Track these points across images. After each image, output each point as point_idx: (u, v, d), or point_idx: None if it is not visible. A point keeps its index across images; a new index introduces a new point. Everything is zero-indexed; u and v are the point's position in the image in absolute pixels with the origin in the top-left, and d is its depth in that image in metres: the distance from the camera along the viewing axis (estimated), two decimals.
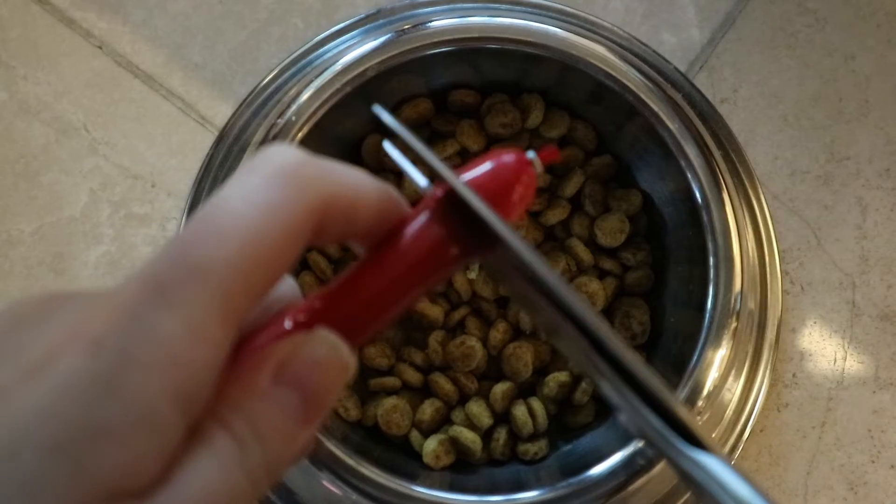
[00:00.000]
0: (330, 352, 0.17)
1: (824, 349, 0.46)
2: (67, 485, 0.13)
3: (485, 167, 0.20)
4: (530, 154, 0.20)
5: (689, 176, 0.40)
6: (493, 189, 0.20)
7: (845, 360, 0.46)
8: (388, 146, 0.24)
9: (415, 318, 0.43)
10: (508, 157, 0.20)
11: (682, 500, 0.39)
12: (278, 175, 0.16)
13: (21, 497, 0.13)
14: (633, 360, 0.18)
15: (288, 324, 0.18)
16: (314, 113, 0.40)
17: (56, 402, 0.13)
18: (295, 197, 0.16)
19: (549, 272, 0.18)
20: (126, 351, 0.14)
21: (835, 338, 0.46)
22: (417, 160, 0.22)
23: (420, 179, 0.21)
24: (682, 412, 0.18)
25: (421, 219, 0.19)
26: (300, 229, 0.16)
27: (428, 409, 0.41)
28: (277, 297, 0.19)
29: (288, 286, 0.20)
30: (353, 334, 0.18)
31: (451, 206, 0.19)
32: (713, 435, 0.40)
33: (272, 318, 0.18)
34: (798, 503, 0.44)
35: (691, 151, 0.40)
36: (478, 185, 0.20)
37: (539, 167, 0.20)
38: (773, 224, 0.45)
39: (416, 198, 0.45)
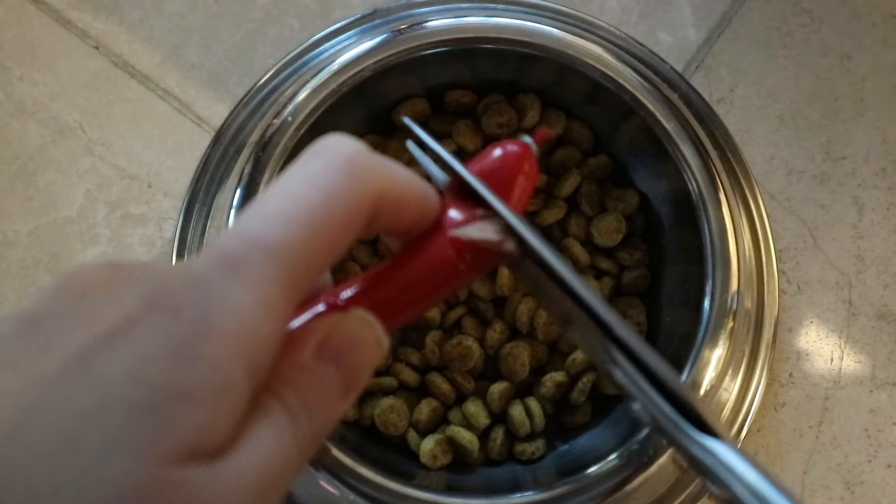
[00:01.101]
0: (366, 329, 0.18)
1: (821, 349, 0.46)
2: (150, 442, 0.13)
3: (493, 157, 0.22)
4: (526, 139, 0.22)
5: (686, 176, 0.40)
6: (503, 177, 0.21)
7: (842, 359, 0.46)
8: (411, 146, 0.26)
9: None
10: (512, 146, 0.22)
11: (678, 500, 0.39)
12: (340, 162, 0.17)
13: (105, 454, 0.13)
14: (644, 348, 0.19)
15: (322, 306, 0.19)
16: (311, 113, 0.40)
17: (140, 365, 0.14)
18: (355, 184, 0.17)
19: (562, 264, 0.20)
20: (204, 320, 0.15)
21: (832, 337, 0.46)
22: (437, 160, 0.23)
23: (440, 175, 0.23)
24: (692, 398, 0.19)
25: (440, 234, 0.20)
26: (358, 215, 0.17)
27: (425, 409, 0.41)
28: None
29: None
30: (384, 320, 0.19)
31: (466, 199, 0.21)
32: None
33: (308, 300, 0.19)
34: None
35: (688, 151, 0.40)
36: (488, 174, 0.21)
37: (536, 150, 0.22)
38: (769, 223, 0.45)
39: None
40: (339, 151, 0.17)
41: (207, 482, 0.14)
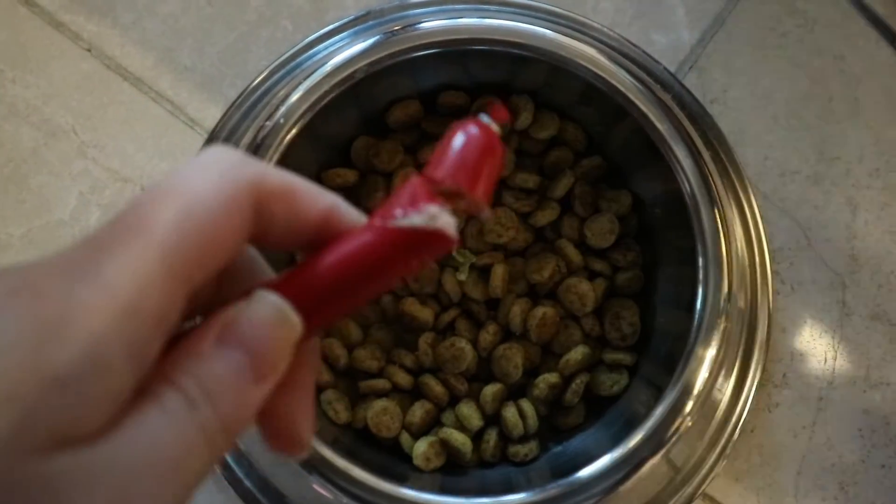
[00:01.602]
0: (269, 309, 0.17)
1: (815, 349, 0.46)
2: (13, 434, 0.13)
3: (456, 146, 0.20)
4: (484, 119, 0.20)
5: (679, 177, 0.40)
6: (471, 167, 0.20)
7: (836, 359, 0.46)
8: None
9: (405, 319, 0.43)
10: (474, 129, 0.20)
11: (671, 501, 0.39)
12: (215, 161, 0.17)
13: None
14: None
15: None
16: (303, 115, 0.40)
17: (1, 353, 0.13)
18: (228, 174, 0.17)
19: None
20: (72, 296, 0.14)
21: (825, 337, 0.46)
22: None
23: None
24: None
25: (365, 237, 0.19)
26: (236, 204, 0.17)
27: (418, 411, 0.41)
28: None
29: (265, 275, 0.20)
30: (309, 313, 0.18)
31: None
32: (704, 436, 0.40)
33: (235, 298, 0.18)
34: (789, 503, 0.44)
35: (681, 152, 0.40)
36: (457, 167, 0.20)
37: (497, 130, 0.20)
38: (763, 224, 0.45)
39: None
40: (214, 154, 0.18)
41: (77, 469, 0.14)
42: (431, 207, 0.18)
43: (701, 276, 0.38)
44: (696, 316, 0.38)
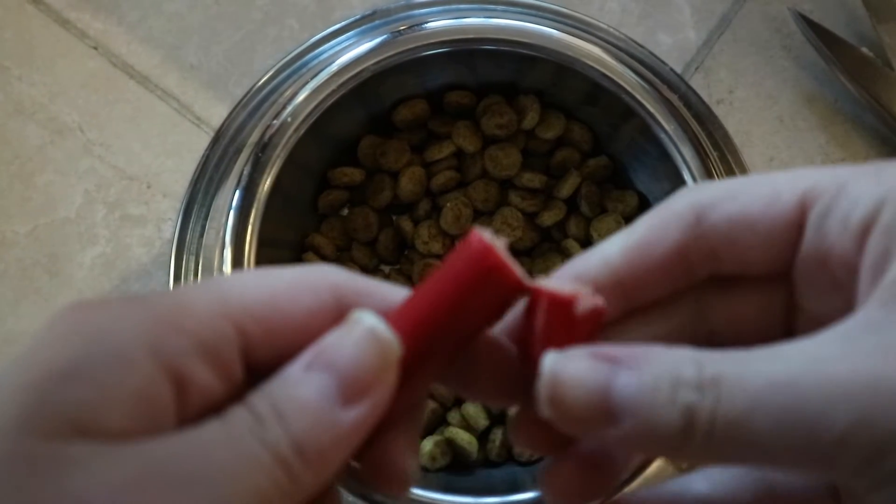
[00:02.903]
0: (362, 328, 0.16)
1: None
2: (31, 414, 0.14)
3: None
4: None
5: (686, 177, 0.40)
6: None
7: None
8: None
9: None
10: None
11: None
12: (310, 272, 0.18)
13: None
14: None
15: None
16: (310, 114, 0.40)
17: (31, 351, 0.15)
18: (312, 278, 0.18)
19: None
20: (104, 304, 0.15)
21: None
22: None
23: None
24: None
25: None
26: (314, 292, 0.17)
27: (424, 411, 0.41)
28: None
29: None
30: (412, 335, 0.17)
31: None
32: None
33: None
34: None
35: (687, 153, 0.40)
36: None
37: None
38: None
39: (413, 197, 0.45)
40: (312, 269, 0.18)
41: (98, 459, 0.14)
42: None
43: None
44: None
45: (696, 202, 0.17)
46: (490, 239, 0.17)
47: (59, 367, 0.14)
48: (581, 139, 0.45)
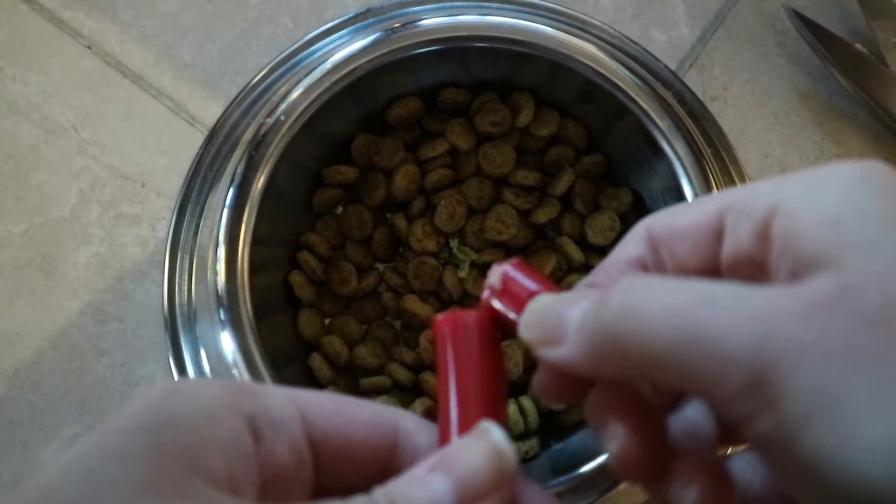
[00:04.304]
0: (484, 440, 0.18)
1: None
2: (146, 453, 0.16)
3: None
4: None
5: (680, 174, 0.40)
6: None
7: None
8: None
9: (405, 316, 0.43)
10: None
11: None
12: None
13: (114, 463, 0.16)
14: None
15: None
16: (304, 112, 0.40)
17: (134, 407, 0.17)
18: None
19: None
20: (187, 380, 0.18)
21: None
22: None
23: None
24: None
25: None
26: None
27: (418, 409, 0.41)
28: None
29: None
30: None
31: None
32: None
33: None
34: None
35: (681, 149, 0.40)
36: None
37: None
38: None
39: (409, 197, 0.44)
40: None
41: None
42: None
43: None
44: None
45: (648, 222, 0.21)
46: (442, 316, 0.21)
47: (163, 418, 0.16)
48: (575, 136, 0.45)
